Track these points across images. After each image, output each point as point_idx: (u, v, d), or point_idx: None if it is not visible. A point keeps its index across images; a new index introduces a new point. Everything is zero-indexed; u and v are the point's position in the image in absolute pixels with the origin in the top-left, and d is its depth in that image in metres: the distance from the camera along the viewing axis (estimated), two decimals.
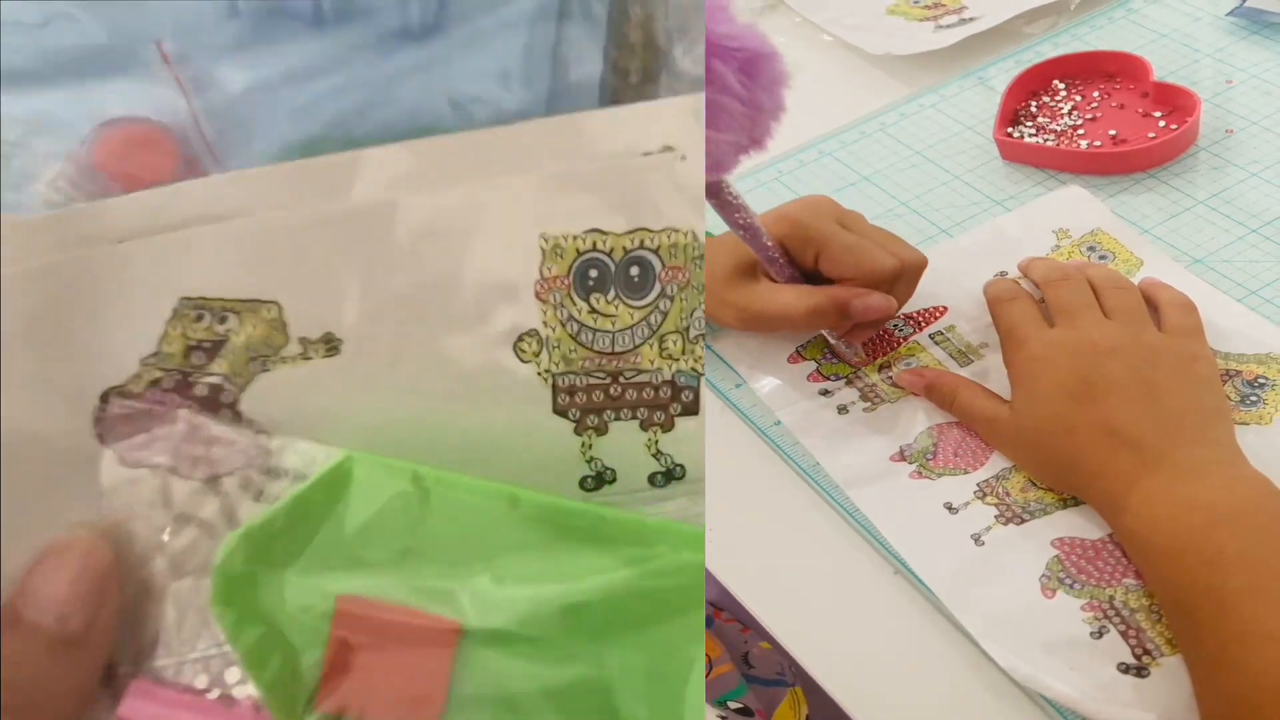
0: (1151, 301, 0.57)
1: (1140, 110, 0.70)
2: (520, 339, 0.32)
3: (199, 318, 0.33)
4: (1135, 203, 0.66)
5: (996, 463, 0.54)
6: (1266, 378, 0.55)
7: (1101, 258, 0.62)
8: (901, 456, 0.55)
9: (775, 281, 0.57)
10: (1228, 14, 0.77)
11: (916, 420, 0.56)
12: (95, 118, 0.57)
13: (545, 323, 0.32)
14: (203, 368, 0.32)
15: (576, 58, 0.58)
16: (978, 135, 0.72)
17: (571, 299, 0.32)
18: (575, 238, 0.32)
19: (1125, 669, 0.46)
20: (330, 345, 0.32)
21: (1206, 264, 0.62)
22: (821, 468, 0.55)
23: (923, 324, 0.61)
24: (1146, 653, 0.46)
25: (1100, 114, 0.71)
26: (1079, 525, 0.50)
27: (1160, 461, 0.48)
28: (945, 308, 0.61)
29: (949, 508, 0.52)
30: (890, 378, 0.58)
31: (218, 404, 0.32)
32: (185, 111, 0.58)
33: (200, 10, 0.60)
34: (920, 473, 0.54)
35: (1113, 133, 0.69)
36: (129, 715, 0.31)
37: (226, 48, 0.59)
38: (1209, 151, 0.68)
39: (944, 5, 0.84)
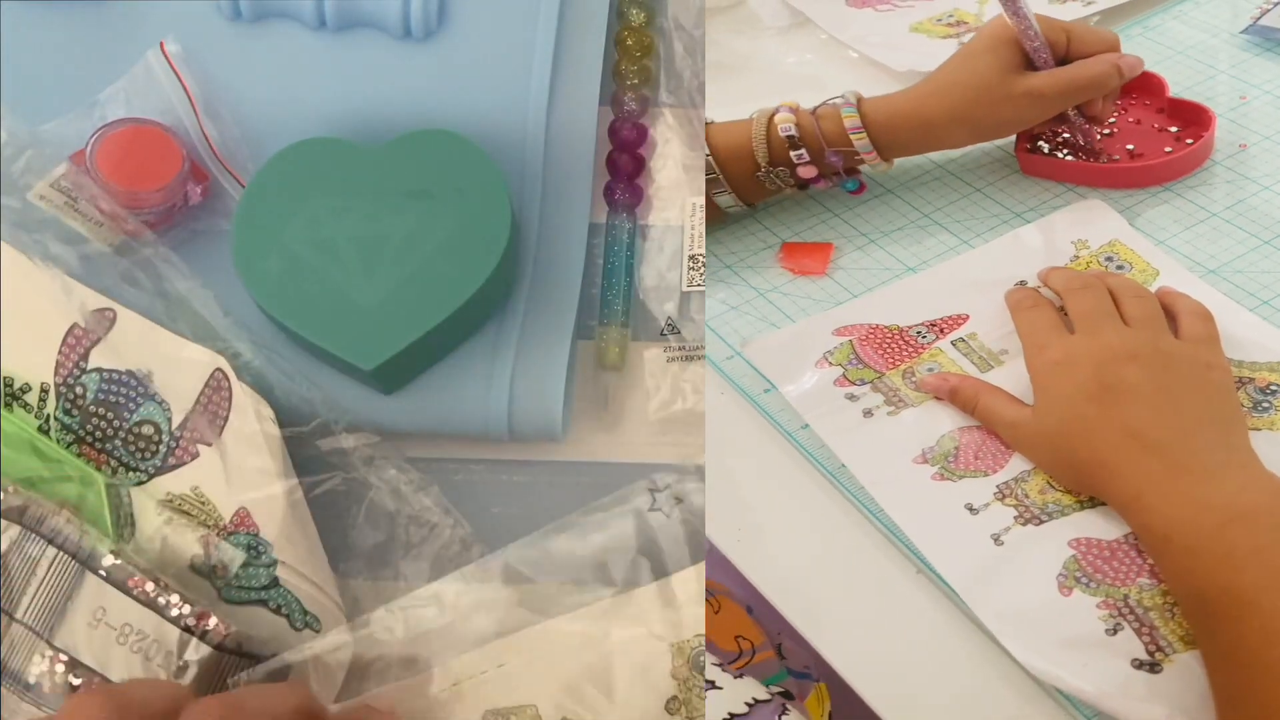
0: (1169, 310, 0.58)
1: (1156, 125, 0.72)
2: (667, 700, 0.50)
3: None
4: (1152, 215, 0.67)
5: (1015, 465, 0.55)
6: (1278, 385, 0.56)
7: (1119, 268, 0.64)
8: (924, 459, 0.56)
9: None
10: (1241, 31, 0.79)
11: (939, 424, 0.58)
12: (98, 119, 0.57)
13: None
14: None
15: (578, 62, 0.59)
16: (999, 150, 0.74)
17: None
18: (686, 640, 0.50)
19: (1139, 665, 0.47)
20: None
21: (1221, 274, 0.63)
22: (847, 470, 0.57)
23: (944, 330, 0.62)
24: (1159, 649, 0.48)
25: (1118, 129, 0.72)
26: (1095, 526, 0.52)
27: (1179, 463, 0.49)
28: (967, 315, 0.63)
29: (970, 508, 0.54)
30: (914, 382, 0.60)
31: None
32: (187, 112, 0.59)
33: (202, 11, 0.61)
34: (942, 475, 0.56)
35: (1130, 147, 0.71)
36: None
37: (228, 48, 0.60)
38: (1224, 165, 0.70)
39: (966, 23, 0.86)
